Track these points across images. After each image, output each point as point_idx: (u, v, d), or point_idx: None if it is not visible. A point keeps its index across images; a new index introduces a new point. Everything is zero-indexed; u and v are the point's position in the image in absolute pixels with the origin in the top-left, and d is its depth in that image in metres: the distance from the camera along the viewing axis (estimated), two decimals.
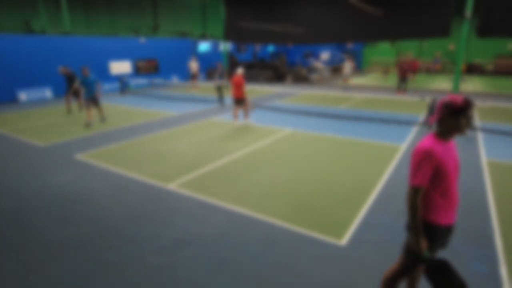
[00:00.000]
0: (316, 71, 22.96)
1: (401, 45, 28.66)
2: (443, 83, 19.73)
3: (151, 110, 12.00)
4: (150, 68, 19.75)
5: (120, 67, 18.16)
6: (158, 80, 19.14)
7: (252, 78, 20.67)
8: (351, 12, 14.28)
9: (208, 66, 23.25)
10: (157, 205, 4.63)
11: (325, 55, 30.56)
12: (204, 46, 23.38)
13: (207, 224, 4.10)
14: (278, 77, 21.42)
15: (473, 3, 13.97)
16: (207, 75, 23.06)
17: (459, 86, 15.71)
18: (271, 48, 31.10)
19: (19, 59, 14.13)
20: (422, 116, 10.45)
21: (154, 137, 8.26)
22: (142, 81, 18.92)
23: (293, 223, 4.06)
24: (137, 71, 19.06)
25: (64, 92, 11.26)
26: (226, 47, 22.60)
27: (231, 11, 18.48)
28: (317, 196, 4.82)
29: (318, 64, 24.65)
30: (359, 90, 16.61)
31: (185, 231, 3.94)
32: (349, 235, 3.80)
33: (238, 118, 9.56)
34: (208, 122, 9.98)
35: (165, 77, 20.45)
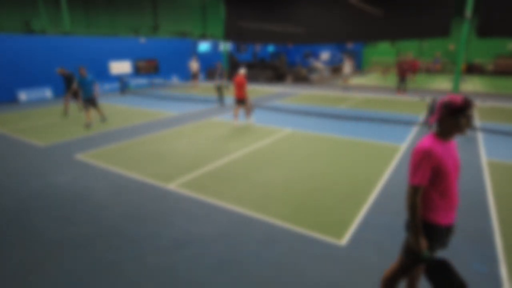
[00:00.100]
0: (316, 71, 22.97)
1: (401, 45, 28.66)
2: (443, 83, 19.73)
3: (151, 110, 12.00)
4: (150, 68, 19.76)
5: (120, 67, 18.17)
6: (158, 80, 19.15)
7: (252, 78, 20.68)
8: (351, 12, 14.28)
9: (208, 66, 23.27)
10: (157, 205, 4.63)
11: (325, 55, 30.58)
12: (204, 46, 23.39)
13: (207, 224, 4.10)
14: (278, 77, 21.43)
15: (473, 3, 13.97)
16: (207, 75, 23.08)
17: (459, 86, 15.71)
18: (271, 48, 31.10)
19: (19, 59, 14.14)
20: (422, 116, 10.45)
21: (154, 137, 8.26)
22: (142, 81, 18.92)
23: (293, 223, 4.06)
24: (137, 71, 19.06)
25: (63, 92, 11.24)
26: (226, 47, 22.60)
27: (231, 11, 18.48)
28: (317, 196, 4.83)
29: (318, 64, 24.65)
30: (359, 90, 16.62)
31: (185, 231, 3.95)
32: (349, 235, 3.80)
33: (238, 118, 9.56)
34: (208, 122, 9.98)
35: (165, 77, 20.46)
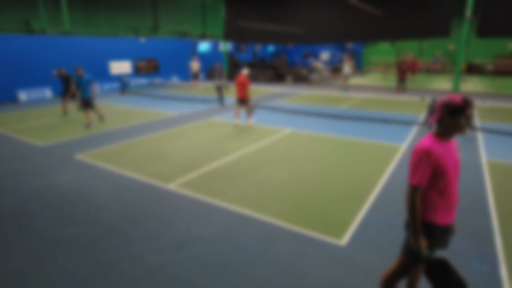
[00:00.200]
0: (316, 71, 22.97)
1: (401, 45, 28.66)
2: (443, 83, 19.73)
3: (151, 110, 12.00)
4: (150, 68, 19.76)
5: (120, 67, 18.17)
6: (158, 80, 19.15)
7: (252, 78, 20.67)
8: (351, 12, 14.29)
9: (208, 66, 23.27)
10: (157, 205, 4.63)
11: (325, 55, 30.59)
12: (204, 46, 23.38)
13: (207, 224, 4.10)
14: (278, 77, 21.43)
15: (473, 3, 13.98)
16: (206, 75, 23.08)
17: (459, 86, 15.72)
18: (271, 48, 31.10)
19: (19, 59, 14.14)
20: (422, 116, 10.45)
21: (154, 137, 8.26)
22: (142, 81, 18.92)
23: (293, 223, 4.06)
24: (137, 71, 19.07)
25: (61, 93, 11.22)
26: (226, 47, 22.61)
27: (231, 11, 18.48)
28: (317, 196, 4.83)
29: (318, 64, 24.65)
30: (359, 90, 16.62)
31: (185, 231, 3.95)
32: (349, 235, 3.80)
33: (239, 118, 9.55)
34: (208, 122, 9.98)
35: (165, 77, 20.46)
